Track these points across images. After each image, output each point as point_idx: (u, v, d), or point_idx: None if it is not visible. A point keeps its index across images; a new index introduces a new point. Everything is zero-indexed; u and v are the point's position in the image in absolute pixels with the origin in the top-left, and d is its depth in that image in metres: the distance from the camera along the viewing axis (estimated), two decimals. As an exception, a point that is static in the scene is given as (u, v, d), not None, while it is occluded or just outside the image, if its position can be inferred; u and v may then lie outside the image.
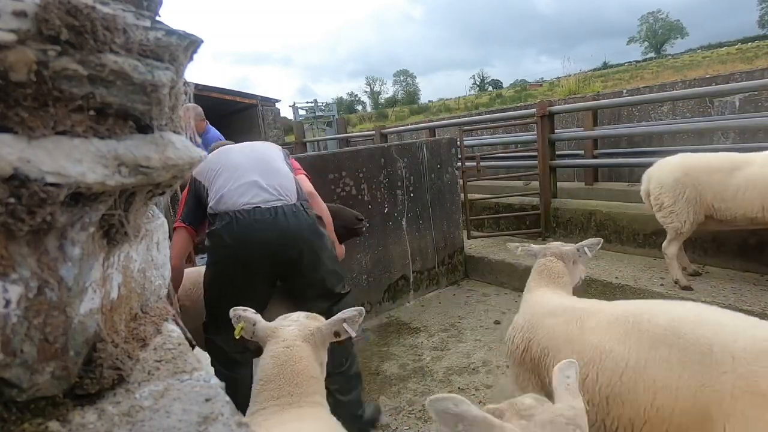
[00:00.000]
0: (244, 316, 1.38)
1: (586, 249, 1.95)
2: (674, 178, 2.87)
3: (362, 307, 1.45)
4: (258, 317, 1.38)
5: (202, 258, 5.72)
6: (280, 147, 2.36)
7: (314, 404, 1.24)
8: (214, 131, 4.32)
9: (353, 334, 1.40)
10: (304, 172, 2.28)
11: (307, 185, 2.20)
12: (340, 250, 2.38)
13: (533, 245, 2.10)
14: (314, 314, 1.48)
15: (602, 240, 2.04)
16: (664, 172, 2.95)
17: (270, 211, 1.94)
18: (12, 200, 0.36)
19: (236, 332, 1.35)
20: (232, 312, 1.38)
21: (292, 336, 1.32)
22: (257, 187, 1.99)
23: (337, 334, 1.39)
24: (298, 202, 2.03)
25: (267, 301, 2.06)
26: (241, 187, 1.98)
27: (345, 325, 1.39)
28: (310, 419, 1.18)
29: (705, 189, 2.79)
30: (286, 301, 2.10)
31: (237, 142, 2.60)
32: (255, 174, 2.02)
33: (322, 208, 2.22)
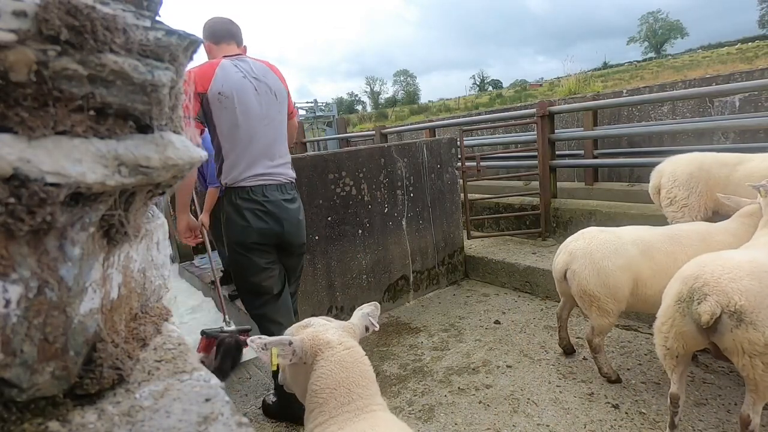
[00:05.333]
0: (271, 341, 1.22)
1: None
2: (688, 172, 2.92)
3: (377, 302, 1.46)
4: (288, 336, 1.26)
5: (202, 258, 5.69)
6: None
7: (383, 407, 1.20)
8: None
9: (377, 327, 1.41)
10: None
11: None
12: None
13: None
14: (324, 317, 1.44)
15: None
16: (678, 166, 3.01)
17: None
18: (12, 200, 0.36)
19: (272, 364, 1.21)
20: (257, 343, 1.22)
21: (346, 338, 1.27)
22: None
23: (366, 329, 1.38)
24: None
25: None
26: None
27: (370, 318, 1.39)
28: (387, 425, 1.13)
29: (714, 183, 2.87)
30: None
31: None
32: None
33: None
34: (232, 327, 3.14)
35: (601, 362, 2.49)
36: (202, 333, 2.99)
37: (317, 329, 1.29)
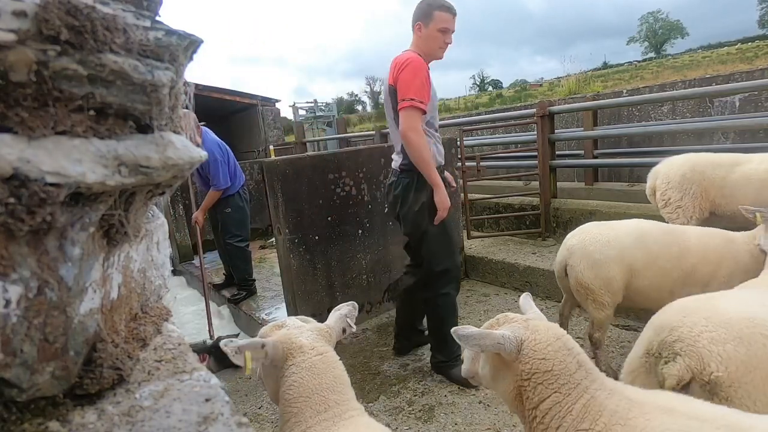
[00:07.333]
0: (244, 344, 1.18)
1: None
2: (681, 173, 2.92)
3: (354, 302, 1.43)
4: (261, 339, 1.22)
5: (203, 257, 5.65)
6: None
7: (361, 412, 1.16)
8: (210, 136, 4.30)
9: (354, 329, 1.39)
10: None
11: None
12: None
13: None
14: (302, 317, 1.40)
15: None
16: (671, 168, 3.00)
17: None
18: (12, 200, 0.36)
19: (247, 369, 1.16)
20: (229, 348, 1.17)
21: (318, 343, 1.23)
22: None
23: (343, 330, 1.36)
24: None
25: None
26: None
27: (348, 320, 1.36)
28: (369, 431, 1.09)
29: (709, 185, 2.85)
30: None
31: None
32: None
33: None
34: (213, 341, 3.24)
35: (600, 358, 2.49)
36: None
37: (290, 331, 1.25)
